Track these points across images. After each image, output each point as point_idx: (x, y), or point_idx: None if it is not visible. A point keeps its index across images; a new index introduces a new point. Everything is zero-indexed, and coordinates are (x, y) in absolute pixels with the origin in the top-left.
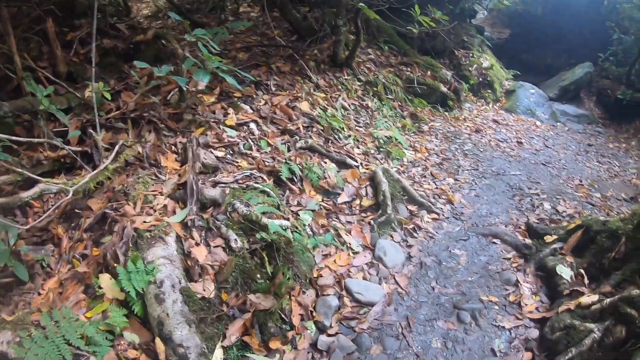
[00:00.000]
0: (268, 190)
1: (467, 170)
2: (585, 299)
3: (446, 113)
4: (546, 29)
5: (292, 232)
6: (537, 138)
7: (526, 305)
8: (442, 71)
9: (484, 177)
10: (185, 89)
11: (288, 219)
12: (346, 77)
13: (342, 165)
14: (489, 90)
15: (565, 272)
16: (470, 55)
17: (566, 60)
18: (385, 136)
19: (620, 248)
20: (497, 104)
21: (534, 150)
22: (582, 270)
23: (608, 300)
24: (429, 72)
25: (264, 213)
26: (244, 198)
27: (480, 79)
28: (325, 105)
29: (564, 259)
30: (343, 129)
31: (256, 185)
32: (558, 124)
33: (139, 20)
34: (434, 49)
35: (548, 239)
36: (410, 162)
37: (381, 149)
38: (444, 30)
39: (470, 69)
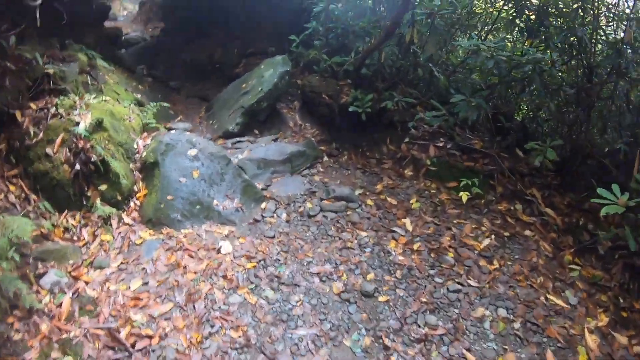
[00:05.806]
0: None
1: None
2: None
3: None
4: (211, 13)
5: None
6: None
7: None
8: None
9: None
10: None
11: None
12: None
13: None
14: (104, 185)
15: None
16: (50, 110)
17: (241, 52)
18: None
19: None
20: (129, 212)
21: None
22: None
23: None
24: None
25: None
26: None
27: (80, 167)
28: None
29: None
30: None
31: None
32: (263, 209)
33: None
34: None
35: None
36: None
37: None
38: None
39: (41, 153)
